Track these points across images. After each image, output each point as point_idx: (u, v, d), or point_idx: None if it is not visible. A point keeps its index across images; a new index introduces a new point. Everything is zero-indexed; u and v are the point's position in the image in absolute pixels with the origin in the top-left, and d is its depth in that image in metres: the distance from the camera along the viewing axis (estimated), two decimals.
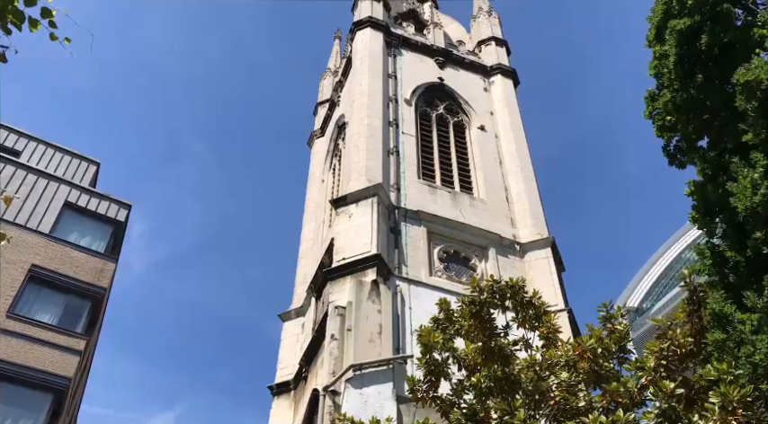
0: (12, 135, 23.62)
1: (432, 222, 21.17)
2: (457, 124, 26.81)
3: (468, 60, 30.14)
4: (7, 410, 17.04)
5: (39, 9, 5.96)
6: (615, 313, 10.01)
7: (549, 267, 20.57)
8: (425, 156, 24.49)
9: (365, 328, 16.43)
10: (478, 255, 20.92)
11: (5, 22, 5.86)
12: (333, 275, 18.67)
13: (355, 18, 29.96)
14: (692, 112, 9.68)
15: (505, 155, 25.49)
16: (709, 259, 8.96)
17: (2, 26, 5.86)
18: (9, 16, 5.83)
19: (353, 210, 20.26)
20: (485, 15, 33.44)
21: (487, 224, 21.91)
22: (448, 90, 27.98)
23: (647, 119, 10.43)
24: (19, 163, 22.03)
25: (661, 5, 10.25)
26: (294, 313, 23.90)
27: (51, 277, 19.71)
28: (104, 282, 20.80)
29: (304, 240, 27.50)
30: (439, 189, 23.17)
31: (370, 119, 23.96)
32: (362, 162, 22.15)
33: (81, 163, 24.49)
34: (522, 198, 23.54)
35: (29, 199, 20.81)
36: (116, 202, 23.15)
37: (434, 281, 19.28)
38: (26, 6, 5.88)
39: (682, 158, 10.15)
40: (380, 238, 19.18)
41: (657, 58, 10.23)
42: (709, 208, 9.20)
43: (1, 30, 5.88)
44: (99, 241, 21.92)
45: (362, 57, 27.31)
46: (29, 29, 5.97)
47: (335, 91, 31.70)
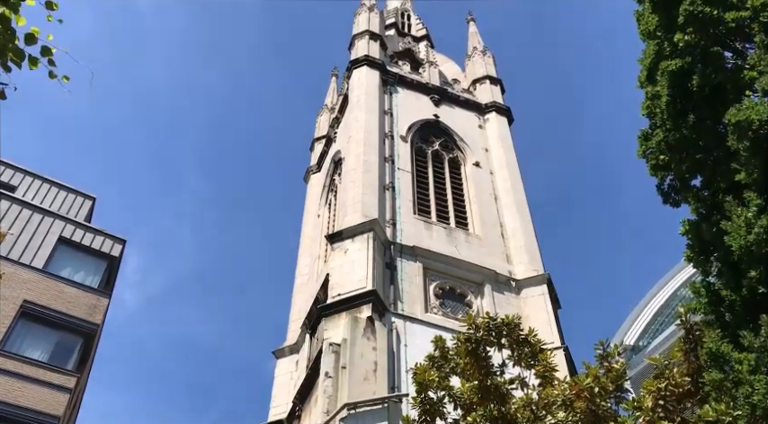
0: (8, 170, 23.66)
1: (427, 258, 21.14)
2: (452, 160, 27.00)
3: (463, 98, 30.53)
4: None
5: (39, 47, 6.03)
6: (612, 351, 9.93)
7: (544, 304, 20.49)
8: (421, 192, 24.59)
9: (360, 365, 16.25)
10: (474, 291, 20.84)
11: (5, 59, 5.92)
12: (328, 311, 18.54)
13: (352, 56, 30.43)
14: (685, 152, 9.79)
15: (501, 192, 25.63)
16: (704, 297, 8.95)
17: (2, 64, 5.92)
18: (9, 54, 5.90)
19: (349, 245, 20.23)
20: (479, 55, 34.00)
21: (483, 260, 21.89)
22: (443, 127, 28.26)
23: (641, 158, 10.54)
24: (14, 198, 22.00)
25: (653, 47, 10.45)
26: (288, 350, 23.65)
27: (43, 312, 19.50)
28: (97, 318, 20.59)
29: (299, 275, 27.40)
30: (434, 224, 23.20)
31: (367, 155, 24.12)
32: (358, 197, 22.22)
33: (76, 197, 24.48)
34: (518, 234, 23.59)
35: (23, 234, 20.73)
36: (111, 237, 23.08)
37: (430, 318, 19.15)
38: (26, 45, 5.94)
39: (676, 197, 10.23)
40: (376, 274, 19.12)
41: (650, 99, 10.39)
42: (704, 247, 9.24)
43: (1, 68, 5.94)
44: (93, 276, 21.77)
45: (359, 94, 27.64)
46: (28, 67, 6.03)
47: (332, 127, 31.99)
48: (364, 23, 31.99)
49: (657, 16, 10.43)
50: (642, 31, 10.82)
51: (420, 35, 38.67)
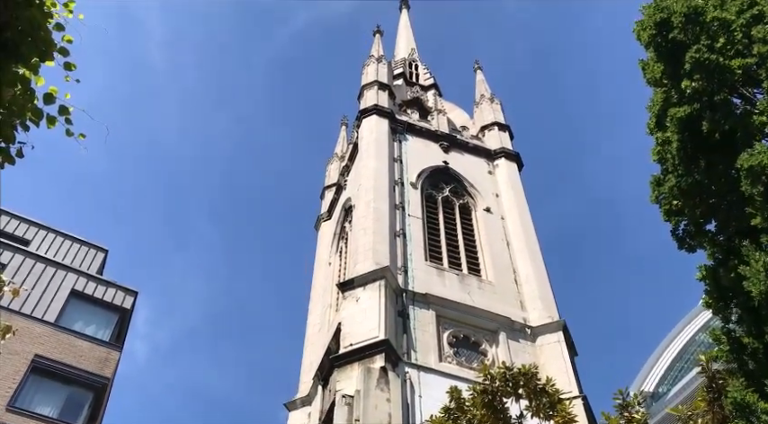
0: (22, 224, 23.89)
1: (440, 305, 20.93)
2: (463, 206, 27.02)
3: (472, 144, 30.75)
4: None
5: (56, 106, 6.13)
6: (632, 400, 9.69)
7: (561, 351, 20.13)
8: (432, 238, 24.53)
9: (374, 418, 15.91)
10: (489, 339, 20.53)
11: (24, 119, 6.02)
12: (340, 362, 18.27)
13: (361, 106, 30.87)
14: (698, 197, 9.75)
15: (512, 237, 25.52)
16: (726, 345, 8.76)
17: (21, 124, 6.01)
18: (28, 114, 6.00)
19: (361, 294, 20.09)
20: (487, 102, 34.40)
21: (497, 307, 21.65)
22: (453, 173, 28.38)
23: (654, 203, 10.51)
24: (28, 252, 22.14)
25: (660, 94, 10.53)
26: (300, 402, 23.25)
27: (54, 367, 19.35)
28: (108, 372, 20.40)
29: (310, 325, 27.16)
30: (446, 271, 23.05)
31: (377, 202, 24.19)
32: (369, 244, 22.18)
33: (89, 250, 24.60)
34: (531, 280, 23.36)
35: (36, 288, 20.77)
36: (122, 289, 23.07)
37: (444, 367, 18.83)
38: (45, 104, 6.05)
39: (691, 242, 10.13)
40: (388, 322, 18.91)
41: (660, 144, 10.41)
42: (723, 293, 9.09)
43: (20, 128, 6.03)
44: (104, 329, 21.68)
45: (368, 142, 27.91)
46: (47, 126, 6.12)
47: (342, 175, 32.22)
48: (373, 74, 32.56)
49: (663, 64, 10.56)
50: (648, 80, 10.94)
51: (428, 84, 39.27)
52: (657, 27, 10.74)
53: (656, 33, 10.80)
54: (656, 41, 10.85)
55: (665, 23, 10.55)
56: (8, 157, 5.94)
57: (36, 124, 6.09)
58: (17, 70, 5.65)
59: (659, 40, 10.78)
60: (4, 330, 7.05)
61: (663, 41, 10.71)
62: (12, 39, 5.42)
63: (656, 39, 10.82)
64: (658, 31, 10.75)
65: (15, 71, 5.62)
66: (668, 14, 10.52)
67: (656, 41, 10.84)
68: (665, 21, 10.52)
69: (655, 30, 10.79)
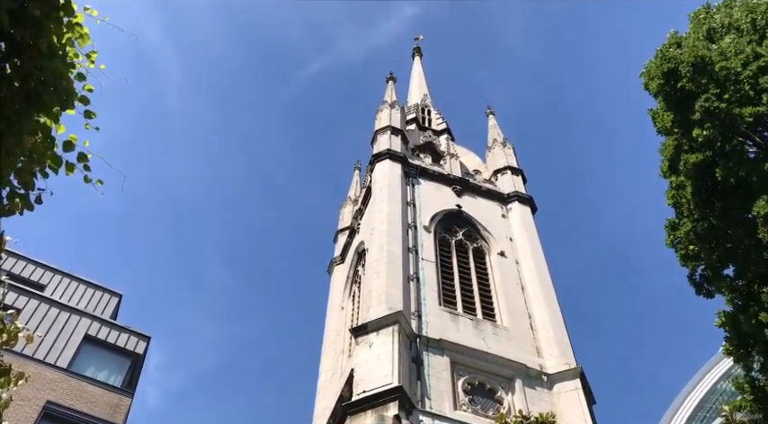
0: (38, 269, 24.03)
1: (455, 351, 20.63)
2: (476, 250, 26.88)
3: (485, 188, 30.80)
4: None
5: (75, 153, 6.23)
6: None
7: (578, 399, 19.67)
8: (446, 283, 24.35)
9: None
10: (504, 387, 20.13)
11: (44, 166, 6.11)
12: (353, 409, 17.95)
13: (375, 150, 31.14)
14: (715, 241, 9.65)
15: (527, 282, 25.27)
16: (749, 394, 8.52)
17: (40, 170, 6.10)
18: (48, 161, 6.10)
19: (374, 339, 19.87)
20: (499, 146, 34.60)
21: (512, 353, 21.30)
22: (466, 216, 28.36)
23: (670, 247, 10.40)
24: (42, 297, 22.20)
25: (672, 141, 10.55)
26: None
27: (65, 414, 19.14)
28: (119, 418, 20.15)
29: (323, 371, 26.81)
30: (461, 316, 22.79)
31: (390, 246, 24.14)
32: (383, 288, 22.04)
33: (103, 295, 24.64)
34: (547, 325, 23.03)
35: (50, 333, 20.74)
36: (135, 334, 22.98)
37: (460, 416, 18.44)
38: (64, 152, 6.14)
39: (709, 287, 9.98)
40: (402, 369, 18.63)
41: (674, 188, 10.38)
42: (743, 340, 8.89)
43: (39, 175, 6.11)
44: (116, 374, 21.52)
45: (381, 186, 28.04)
46: (65, 173, 6.21)
47: (355, 218, 32.29)
48: (386, 119, 32.95)
49: (672, 113, 10.61)
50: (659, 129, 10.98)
51: (440, 129, 39.64)
52: (665, 76, 10.82)
53: (664, 83, 10.88)
54: (664, 91, 10.93)
55: (673, 73, 10.64)
56: (27, 204, 6.01)
57: (55, 171, 6.17)
58: (38, 118, 5.76)
59: (668, 90, 10.86)
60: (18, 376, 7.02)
61: (671, 91, 10.79)
62: (35, 89, 5.55)
63: (665, 89, 10.90)
64: (666, 81, 10.84)
65: (37, 120, 5.74)
66: (675, 64, 10.62)
67: (665, 91, 10.91)
68: (673, 70, 10.62)
69: (663, 79, 10.88)
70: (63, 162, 6.19)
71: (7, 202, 6.02)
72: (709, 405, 36.71)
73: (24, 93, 5.56)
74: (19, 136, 5.61)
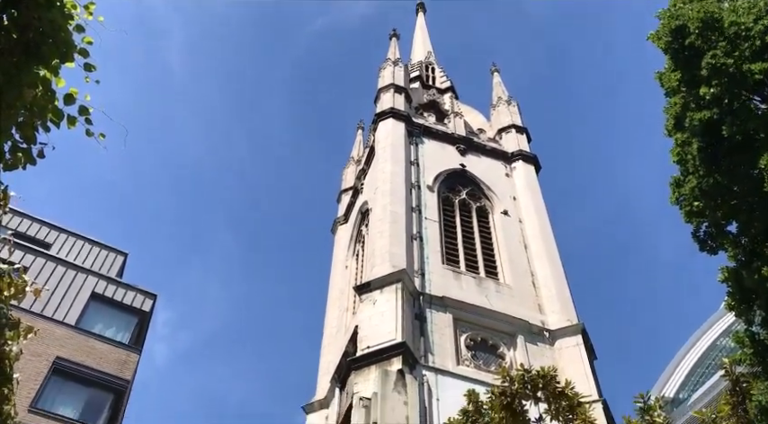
0: (43, 227, 24.18)
1: (457, 308, 20.85)
2: (480, 209, 26.91)
3: (489, 147, 30.63)
4: None
5: (77, 107, 6.19)
6: (653, 404, 9.54)
7: (580, 355, 19.95)
8: (449, 242, 24.45)
9: (392, 420, 15.86)
10: (507, 343, 20.41)
11: (45, 120, 6.08)
12: (357, 364, 18.27)
13: (378, 109, 30.89)
14: (720, 198, 9.61)
15: (530, 240, 25.36)
16: (749, 348, 8.61)
17: (42, 124, 6.07)
18: (49, 115, 6.06)
19: (378, 297, 20.07)
20: (504, 104, 34.26)
21: (515, 310, 21.52)
22: (470, 176, 28.29)
23: (674, 205, 10.38)
24: (49, 255, 22.40)
25: (678, 99, 10.43)
26: (318, 404, 23.27)
27: (75, 369, 19.53)
28: (127, 374, 20.55)
29: (327, 328, 27.18)
30: (464, 274, 22.96)
31: (394, 206, 24.17)
32: (386, 247, 22.16)
33: (109, 253, 24.84)
34: (549, 283, 23.20)
35: (57, 291, 21.00)
36: (142, 292, 23.25)
37: (462, 370, 18.75)
38: (65, 105, 6.10)
39: (712, 244, 9.98)
40: (405, 325, 18.87)
41: (679, 145, 10.30)
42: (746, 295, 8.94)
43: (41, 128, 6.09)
44: (124, 331, 21.87)
45: (385, 146, 27.92)
46: (67, 126, 6.18)
47: (359, 179, 32.25)
48: (389, 77, 32.58)
49: (680, 72, 10.45)
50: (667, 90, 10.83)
51: (444, 87, 39.20)
52: (673, 34, 10.63)
53: (672, 40, 10.69)
54: (672, 48, 10.75)
55: (681, 30, 10.44)
56: (29, 158, 6.00)
57: (57, 125, 6.14)
58: (38, 71, 5.71)
59: (676, 47, 10.67)
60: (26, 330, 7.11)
61: (679, 48, 10.60)
62: (33, 40, 5.48)
63: (673, 46, 10.72)
64: (674, 38, 10.64)
65: (36, 72, 5.69)
66: (684, 21, 10.41)
67: (673, 48, 10.73)
68: (682, 27, 10.42)
69: (671, 37, 10.69)
70: (64, 115, 6.16)
71: (10, 156, 6.01)
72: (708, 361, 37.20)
73: (23, 45, 5.50)
74: (19, 89, 5.57)
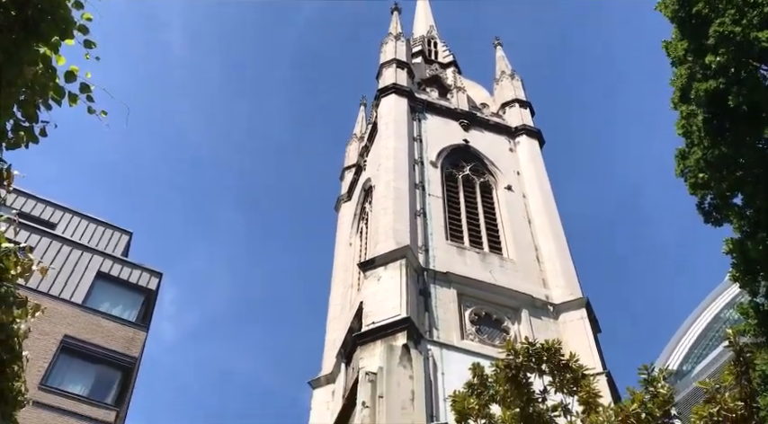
0: (48, 207, 24.26)
1: (462, 283, 20.92)
2: (483, 184, 26.86)
3: (492, 122, 30.46)
4: None
5: (78, 84, 6.17)
6: (657, 375, 9.60)
7: (584, 328, 20.05)
8: (453, 217, 24.45)
9: (397, 395, 16.03)
10: (511, 317, 20.52)
11: (47, 98, 6.07)
12: (363, 339, 18.41)
13: (380, 85, 30.67)
14: (725, 169, 9.55)
15: (534, 215, 25.34)
16: (753, 318, 8.63)
17: (43, 102, 6.06)
18: (50, 92, 6.04)
19: (382, 273, 20.15)
20: (507, 78, 33.97)
21: (519, 284, 21.59)
22: (473, 151, 28.18)
23: (679, 177, 10.32)
24: (54, 235, 22.51)
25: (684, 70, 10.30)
26: (324, 379, 23.50)
27: (83, 347, 19.76)
28: (135, 351, 20.77)
29: (332, 305, 27.33)
30: (467, 250, 23.00)
31: (397, 182, 24.14)
32: (390, 224, 22.18)
33: (114, 233, 24.95)
34: (553, 257, 23.23)
35: (63, 270, 21.13)
36: (147, 271, 23.39)
37: (467, 345, 18.88)
38: (66, 82, 6.08)
39: (717, 215, 9.94)
40: (410, 301, 18.96)
41: (685, 117, 10.21)
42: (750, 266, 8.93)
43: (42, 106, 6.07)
44: (130, 310, 22.05)
45: (387, 122, 27.79)
46: (68, 104, 6.16)
47: (361, 155, 32.16)
48: (391, 52, 32.29)
49: (686, 41, 10.30)
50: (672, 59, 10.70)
51: (447, 61, 38.87)
52: (680, 2, 10.47)
53: (678, 8, 10.53)
54: (679, 17, 10.59)
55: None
56: (31, 136, 6.00)
57: (58, 103, 6.13)
58: (38, 49, 5.68)
59: (682, 15, 10.51)
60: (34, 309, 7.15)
61: (686, 16, 10.44)
62: (32, 17, 5.44)
63: (680, 15, 10.56)
64: (681, 6, 10.48)
65: (36, 50, 5.66)
66: None
67: (680, 17, 10.57)
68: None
69: (678, 5, 10.52)
70: (66, 93, 6.14)
71: (12, 135, 6.01)
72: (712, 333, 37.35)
73: (22, 22, 5.46)
74: (19, 67, 5.55)
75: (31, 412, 15.97)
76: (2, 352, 6.49)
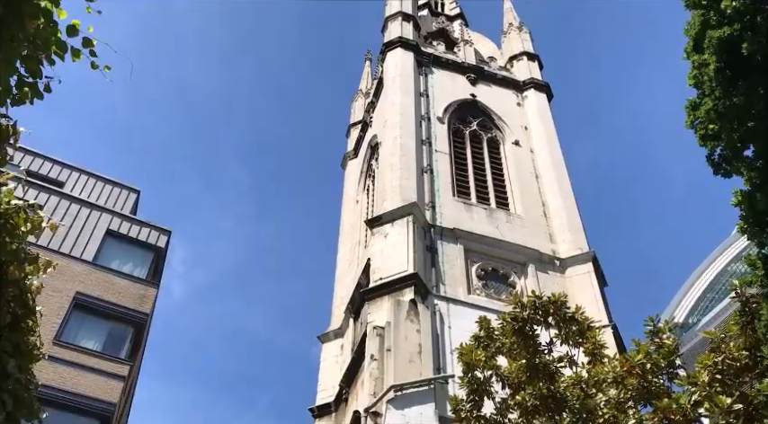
0: (55, 166, 24.30)
1: (468, 239, 21.00)
2: (491, 140, 26.68)
3: (500, 76, 30.06)
4: None
5: (80, 39, 6.10)
6: (663, 327, 9.72)
7: (590, 282, 20.18)
8: (460, 174, 24.38)
9: (404, 348, 16.30)
10: (517, 272, 20.64)
11: (50, 53, 6.01)
12: (370, 295, 18.62)
13: (385, 39, 30.19)
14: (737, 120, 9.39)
15: (541, 170, 25.23)
16: (761, 270, 8.62)
17: (46, 57, 6.00)
18: (53, 47, 5.98)
19: (389, 230, 20.23)
20: (515, 31, 33.35)
21: (526, 240, 21.65)
22: (481, 106, 27.90)
23: (689, 128, 10.16)
24: (62, 194, 22.61)
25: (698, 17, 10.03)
26: (333, 334, 23.87)
27: (95, 303, 20.07)
28: (146, 307, 21.08)
29: (340, 261, 27.55)
30: (474, 206, 23.01)
31: (403, 139, 24.01)
32: (396, 181, 22.16)
33: (122, 191, 25.02)
34: (560, 212, 23.22)
35: (72, 228, 21.29)
36: (156, 229, 23.54)
37: (473, 299, 19.06)
38: (68, 37, 6.01)
39: (727, 167, 9.82)
40: (417, 257, 19.09)
41: (696, 67, 9.98)
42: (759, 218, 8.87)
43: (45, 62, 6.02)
44: (140, 267, 22.27)
45: (393, 77, 27.46)
46: (71, 58, 6.11)
47: (367, 112, 31.90)
48: (396, 5, 31.68)
49: None
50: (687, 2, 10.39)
51: (454, 14, 38.16)
52: None
53: None
54: None
55: None
56: (36, 92, 5.97)
57: (61, 58, 6.07)
58: (38, 2, 5.60)
59: None
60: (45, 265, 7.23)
61: None
62: None
63: None
64: None
65: (37, 2, 5.58)
66: None
67: None
68: None
69: None
70: (68, 48, 6.07)
71: (16, 91, 5.98)
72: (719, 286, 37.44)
73: None
74: (20, 20, 5.47)
75: (47, 367, 16.35)
76: (16, 307, 6.60)
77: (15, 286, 6.58)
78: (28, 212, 6.93)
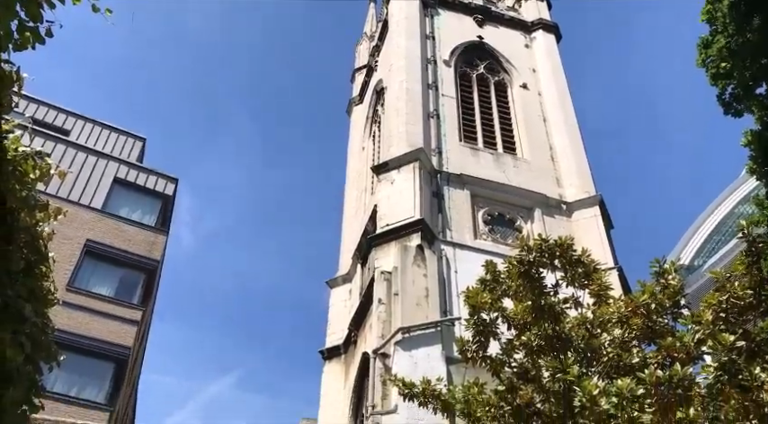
0: (60, 114, 24.21)
1: (475, 185, 20.96)
2: (498, 83, 26.27)
3: (507, 16, 29.36)
4: (74, 379, 17.82)
5: None
6: (668, 268, 9.75)
7: (597, 225, 20.19)
8: (466, 118, 24.13)
9: (412, 292, 16.51)
10: (524, 216, 20.67)
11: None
12: (377, 241, 18.73)
13: None
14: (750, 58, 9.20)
15: (549, 113, 24.91)
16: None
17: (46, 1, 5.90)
18: None
19: (395, 176, 20.19)
20: None
21: (532, 184, 21.59)
22: (488, 48, 27.35)
23: (700, 67, 9.97)
24: (68, 142, 22.60)
25: None
26: (341, 279, 24.16)
27: (106, 250, 20.34)
28: (156, 254, 21.35)
29: (347, 208, 27.62)
30: (481, 150, 22.86)
31: (409, 83, 23.67)
32: (402, 127, 21.97)
33: (128, 139, 24.98)
34: (568, 155, 23.05)
35: (80, 177, 21.39)
36: (163, 176, 23.61)
37: (480, 244, 19.16)
38: None
39: (738, 106, 9.67)
40: (423, 203, 19.11)
41: (710, 2, 9.72)
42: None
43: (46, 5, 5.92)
44: (149, 215, 22.45)
45: (399, 20, 26.87)
46: (72, 1, 6.00)
47: (372, 56, 31.37)
48: None
49: None
50: None
51: None
52: None
53: None
54: None
55: None
56: (37, 36, 5.89)
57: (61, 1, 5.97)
58: None
59: None
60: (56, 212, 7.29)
61: None
62: None
63: None
64: None
65: None
66: None
67: None
68: None
69: None
70: None
71: (18, 36, 5.90)
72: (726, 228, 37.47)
73: None
74: None
75: (61, 312, 16.69)
76: (29, 253, 6.69)
77: (27, 232, 6.65)
78: (36, 159, 6.95)
